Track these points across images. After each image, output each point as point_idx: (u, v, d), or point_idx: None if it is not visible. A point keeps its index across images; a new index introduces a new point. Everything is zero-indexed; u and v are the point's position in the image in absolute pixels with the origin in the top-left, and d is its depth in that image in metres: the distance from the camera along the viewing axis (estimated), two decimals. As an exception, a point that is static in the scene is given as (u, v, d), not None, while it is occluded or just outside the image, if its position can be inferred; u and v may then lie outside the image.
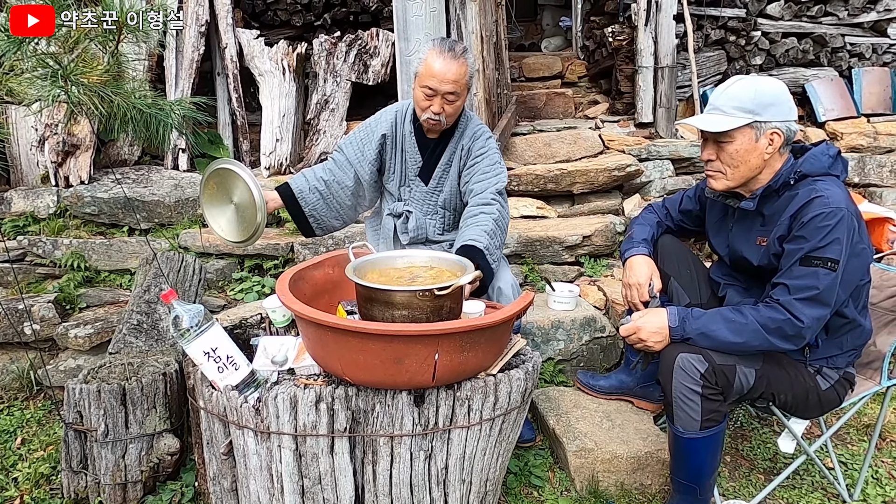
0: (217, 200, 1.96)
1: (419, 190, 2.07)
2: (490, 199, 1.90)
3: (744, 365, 1.59)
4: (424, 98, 1.89)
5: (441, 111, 1.89)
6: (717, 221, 1.81)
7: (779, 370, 1.63)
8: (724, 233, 1.78)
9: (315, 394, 1.40)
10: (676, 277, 1.87)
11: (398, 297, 1.39)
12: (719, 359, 1.56)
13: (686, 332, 1.57)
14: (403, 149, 2.04)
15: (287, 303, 1.40)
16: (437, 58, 1.85)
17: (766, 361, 1.63)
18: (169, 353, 2.14)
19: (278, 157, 3.58)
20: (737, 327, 1.53)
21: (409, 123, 2.03)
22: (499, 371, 1.50)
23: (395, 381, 1.36)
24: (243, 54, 3.70)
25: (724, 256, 1.80)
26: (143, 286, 2.28)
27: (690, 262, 1.91)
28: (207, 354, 1.51)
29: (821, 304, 1.50)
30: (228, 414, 1.47)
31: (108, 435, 1.85)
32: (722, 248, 1.80)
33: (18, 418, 2.32)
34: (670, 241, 1.93)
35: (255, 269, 2.94)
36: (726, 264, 1.82)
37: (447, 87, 1.85)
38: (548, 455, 2.07)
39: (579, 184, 3.32)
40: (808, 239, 1.51)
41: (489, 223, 1.84)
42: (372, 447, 1.43)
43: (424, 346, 1.31)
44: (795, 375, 1.65)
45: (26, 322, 2.49)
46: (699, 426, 1.57)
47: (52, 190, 3.31)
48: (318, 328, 1.36)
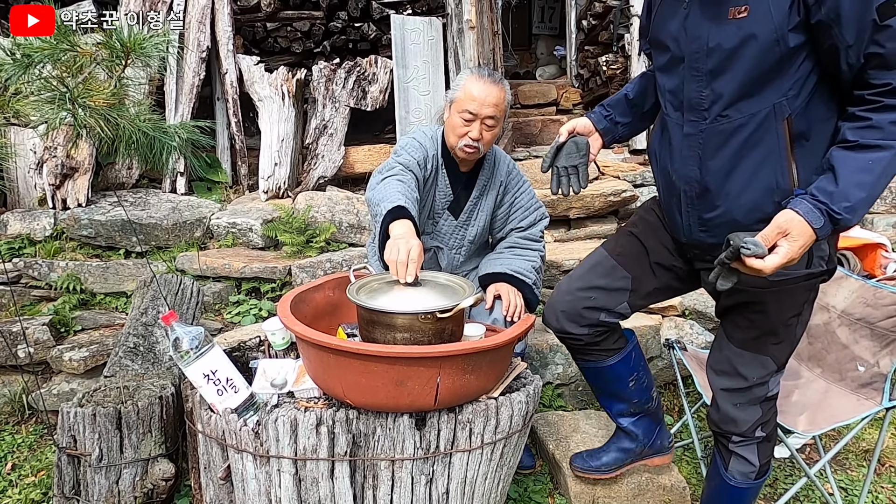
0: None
1: (448, 224, 1.99)
2: (538, 236, 1.97)
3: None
4: (463, 124, 1.82)
5: (479, 137, 1.82)
6: (667, 11, 1.32)
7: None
8: (674, 22, 1.28)
9: (316, 417, 1.39)
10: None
11: (400, 319, 1.40)
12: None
13: (841, 224, 1.11)
14: (435, 181, 1.93)
15: (289, 325, 1.40)
16: (478, 82, 1.81)
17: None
18: (165, 377, 2.12)
19: (276, 181, 3.60)
20: (885, 163, 1.09)
21: (441, 157, 1.93)
22: (500, 394, 1.50)
23: (398, 403, 1.35)
24: (243, 80, 3.75)
25: (673, 66, 1.30)
26: (141, 309, 2.27)
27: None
28: (207, 377, 1.50)
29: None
30: (227, 437, 1.46)
31: (102, 460, 1.82)
32: (664, 48, 1.31)
33: (9, 443, 2.27)
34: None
35: (251, 292, 2.93)
36: (674, 94, 1.30)
37: (488, 111, 1.80)
38: (547, 481, 2.05)
39: (576, 209, 3.35)
40: None
41: (537, 261, 1.90)
42: (372, 471, 1.42)
43: (427, 368, 1.31)
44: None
45: (20, 345, 2.46)
46: (756, 475, 1.51)
47: (48, 212, 3.30)
48: (319, 350, 1.36)
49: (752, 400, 1.45)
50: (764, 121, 1.19)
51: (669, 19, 1.30)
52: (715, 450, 1.58)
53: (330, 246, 3.21)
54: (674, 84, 1.31)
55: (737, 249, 1.09)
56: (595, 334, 1.61)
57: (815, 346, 2.04)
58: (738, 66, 1.18)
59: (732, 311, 1.44)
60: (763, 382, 1.44)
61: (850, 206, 1.09)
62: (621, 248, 1.58)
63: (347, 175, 3.81)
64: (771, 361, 1.42)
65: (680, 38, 1.27)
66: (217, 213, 3.38)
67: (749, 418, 1.46)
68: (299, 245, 3.13)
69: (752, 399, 1.45)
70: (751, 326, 1.41)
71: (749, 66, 1.17)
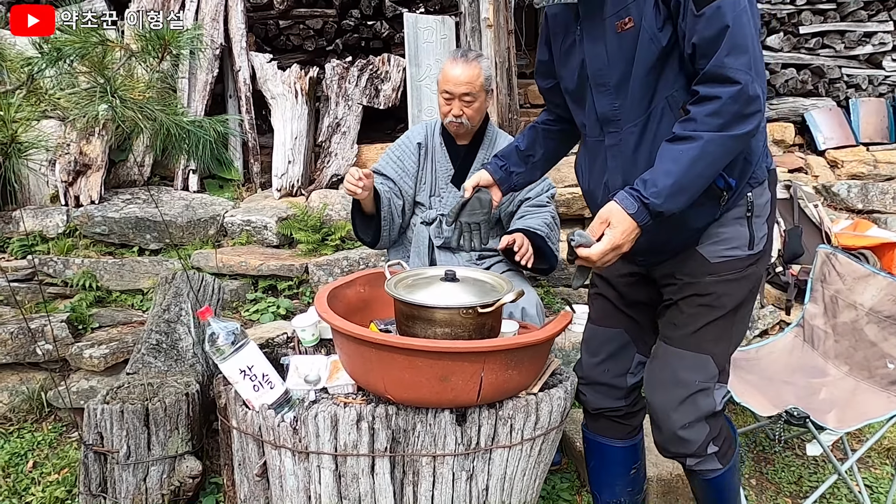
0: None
1: (451, 196, 2.13)
2: (545, 201, 2.11)
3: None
4: (445, 103, 2.05)
5: (461, 113, 2.03)
6: (565, 45, 1.38)
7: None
8: (574, 52, 1.35)
9: (356, 412, 1.38)
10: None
11: (441, 313, 1.39)
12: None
13: (652, 208, 1.18)
14: (434, 159, 2.16)
15: (329, 320, 1.39)
16: (451, 64, 2.03)
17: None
18: (188, 374, 2.10)
19: (290, 179, 3.58)
20: (693, 152, 1.15)
21: (439, 135, 2.16)
22: (539, 390, 1.49)
23: (440, 399, 1.35)
24: (256, 77, 3.73)
25: (585, 97, 1.35)
26: (163, 306, 2.25)
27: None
28: (243, 372, 1.49)
29: (741, 48, 1.14)
30: (264, 434, 1.45)
31: (130, 457, 1.81)
32: (577, 81, 1.36)
33: (29, 441, 2.26)
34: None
35: (269, 289, 2.92)
36: (594, 115, 1.35)
37: (462, 89, 2.00)
38: (574, 478, 2.04)
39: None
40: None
41: (548, 217, 2.06)
42: (413, 467, 1.41)
43: (471, 363, 1.31)
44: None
45: (39, 342, 2.44)
46: (718, 462, 1.44)
47: (61, 209, 3.28)
48: (361, 345, 1.35)
49: (698, 416, 1.37)
50: (662, 114, 1.26)
51: (569, 50, 1.37)
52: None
53: (345, 244, 3.20)
54: (587, 107, 1.38)
55: (569, 243, 1.20)
56: (633, 401, 1.59)
57: (842, 343, 2.04)
58: (634, 71, 1.25)
59: (672, 307, 1.40)
60: (706, 388, 1.37)
61: (657, 191, 1.16)
62: (597, 312, 1.60)
63: (359, 173, 3.79)
64: (711, 362, 1.36)
65: (584, 63, 1.34)
66: (231, 211, 3.36)
67: (697, 437, 1.38)
68: (314, 243, 3.12)
69: (698, 414, 1.37)
70: (690, 321, 1.36)
71: (641, 69, 1.24)
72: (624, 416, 1.60)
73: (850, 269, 2.02)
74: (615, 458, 1.63)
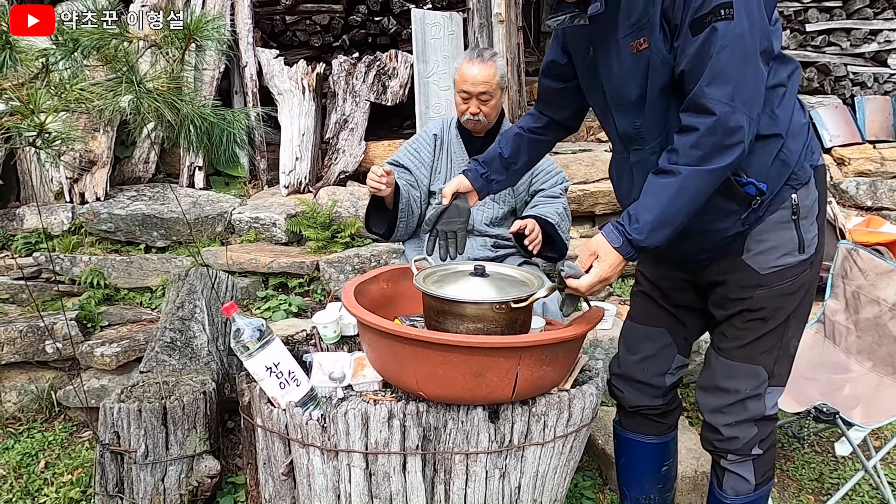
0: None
1: None
2: (559, 193, 2.16)
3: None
4: (462, 102, 2.10)
5: (478, 111, 2.08)
6: (582, 56, 1.37)
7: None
8: (591, 70, 1.35)
9: (387, 410, 1.35)
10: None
11: (473, 309, 1.36)
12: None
13: (635, 244, 1.20)
14: (451, 150, 2.22)
15: (361, 316, 1.36)
16: (468, 64, 2.06)
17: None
18: (204, 372, 2.07)
19: (298, 176, 3.55)
20: (673, 188, 1.16)
21: (455, 129, 2.23)
22: (571, 386, 1.47)
23: (474, 395, 1.32)
24: (262, 73, 3.70)
25: (610, 115, 1.36)
26: (177, 303, 2.21)
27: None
28: (269, 369, 1.46)
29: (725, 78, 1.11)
30: (290, 432, 1.42)
31: (148, 456, 1.77)
32: (599, 97, 1.36)
33: (40, 441, 2.22)
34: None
35: (279, 287, 2.89)
36: (617, 132, 1.36)
37: (479, 88, 2.04)
38: (596, 476, 2.02)
39: (602, 204, 3.33)
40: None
41: (559, 207, 2.10)
42: (444, 465, 1.38)
43: (507, 359, 1.28)
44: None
45: (48, 340, 2.40)
46: (753, 490, 1.44)
47: (66, 206, 3.24)
48: (393, 341, 1.32)
49: (747, 417, 1.38)
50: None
51: (587, 67, 1.36)
52: (711, 466, 1.51)
53: (355, 241, 3.17)
54: (609, 123, 1.38)
55: (559, 273, 1.25)
56: (671, 400, 1.58)
57: (865, 339, 2.03)
58: (649, 92, 1.24)
59: (723, 323, 1.39)
60: (757, 395, 1.37)
61: (638, 228, 1.18)
62: (638, 310, 1.58)
63: (366, 170, 3.72)
64: (763, 370, 1.36)
65: (602, 86, 1.33)
66: (238, 208, 3.33)
67: (745, 436, 1.39)
68: (324, 240, 3.09)
69: (747, 416, 1.38)
70: (742, 336, 1.36)
71: (655, 89, 1.22)
72: (660, 414, 1.58)
73: (873, 265, 2.01)
74: (647, 454, 1.61)
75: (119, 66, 1.51)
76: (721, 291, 1.38)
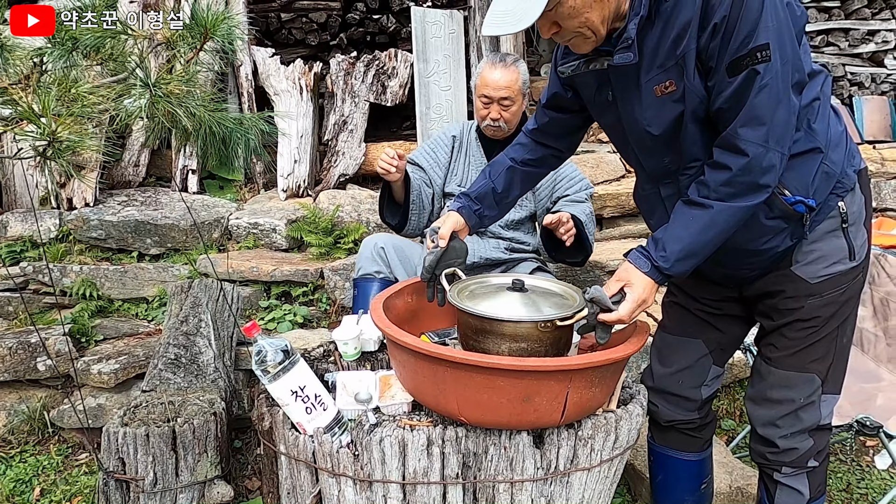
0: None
1: None
2: (584, 198, 2.12)
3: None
4: (483, 107, 2.07)
5: (499, 117, 2.05)
6: (594, 96, 1.34)
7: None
8: (608, 111, 1.33)
9: (425, 436, 1.26)
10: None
11: (515, 327, 1.28)
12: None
13: (662, 271, 1.20)
14: (469, 153, 2.20)
15: (398, 337, 1.26)
16: (490, 68, 2.03)
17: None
18: (212, 390, 1.96)
19: (296, 179, 3.43)
20: (703, 220, 1.17)
21: (474, 132, 2.21)
22: (616, 406, 1.39)
23: (521, 420, 1.24)
24: (258, 73, 3.57)
25: (629, 139, 1.33)
26: (180, 317, 2.09)
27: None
28: (295, 394, 1.36)
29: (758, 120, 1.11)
30: (318, 460, 1.32)
31: (157, 484, 1.66)
32: (620, 135, 1.35)
33: (33, 465, 2.08)
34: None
35: (282, 296, 2.77)
36: (642, 166, 1.35)
37: (501, 94, 2.01)
38: (625, 492, 1.95)
39: (610, 207, 3.27)
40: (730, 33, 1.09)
41: (586, 209, 2.07)
42: (486, 495, 1.30)
43: (557, 381, 1.20)
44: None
45: (40, 357, 2.26)
46: (808, 489, 1.38)
47: (53, 213, 3.08)
48: (434, 363, 1.23)
49: (802, 428, 1.33)
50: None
51: (603, 107, 1.34)
52: (759, 480, 1.46)
53: (358, 247, 3.05)
54: (634, 162, 1.38)
55: (589, 301, 1.22)
56: (706, 413, 1.54)
57: (895, 347, 1.99)
58: (688, 127, 1.22)
59: (773, 333, 1.36)
60: (811, 403, 1.33)
61: (665, 256, 1.19)
62: (672, 321, 1.53)
63: (367, 173, 3.65)
64: (816, 378, 1.33)
65: (622, 126, 1.32)
66: (235, 213, 3.20)
67: (801, 447, 1.34)
68: (327, 246, 2.97)
69: (801, 427, 1.33)
70: (793, 345, 1.32)
71: (693, 124, 1.21)
72: (696, 428, 1.53)
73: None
74: (686, 472, 1.55)
75: (120, 67, 1.41)
76: (769, 302, 1.35)
